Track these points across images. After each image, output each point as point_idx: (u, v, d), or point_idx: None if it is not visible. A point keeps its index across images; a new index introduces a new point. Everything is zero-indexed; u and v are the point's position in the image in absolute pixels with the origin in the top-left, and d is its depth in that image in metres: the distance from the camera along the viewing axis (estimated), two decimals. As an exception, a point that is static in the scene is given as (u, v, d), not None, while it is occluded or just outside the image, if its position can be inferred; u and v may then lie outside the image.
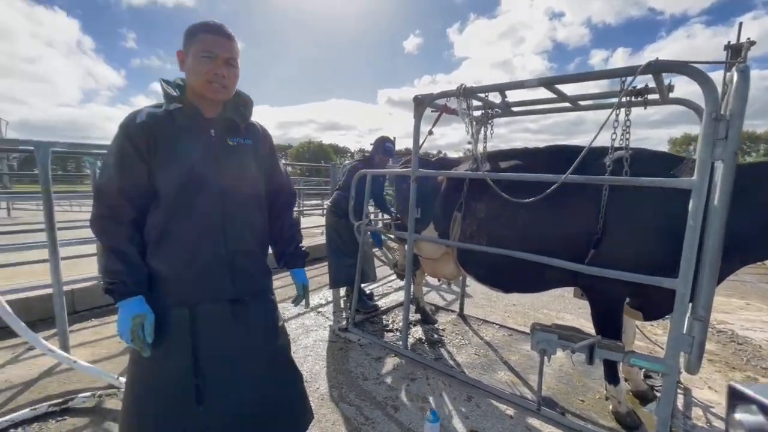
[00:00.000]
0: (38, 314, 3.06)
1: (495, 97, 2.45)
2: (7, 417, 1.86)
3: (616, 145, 1.85)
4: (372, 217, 5.65)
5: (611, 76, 1.68)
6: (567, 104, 2.39)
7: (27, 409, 1.92)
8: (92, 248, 3.91)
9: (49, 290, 2.83)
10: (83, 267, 3.93)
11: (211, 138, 1.19)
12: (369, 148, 3.87)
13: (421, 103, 2.39)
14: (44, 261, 3.10)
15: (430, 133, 2.69)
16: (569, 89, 2.19)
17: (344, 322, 3.24)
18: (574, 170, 1.74)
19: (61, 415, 1.95)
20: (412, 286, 2.87)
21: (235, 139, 1.24)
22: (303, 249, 1.49)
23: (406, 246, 3.25)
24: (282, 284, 4.02)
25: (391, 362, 2.59)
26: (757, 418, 0.33)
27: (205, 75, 1.13)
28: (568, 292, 3.98)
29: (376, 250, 3.78)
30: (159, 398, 1.15)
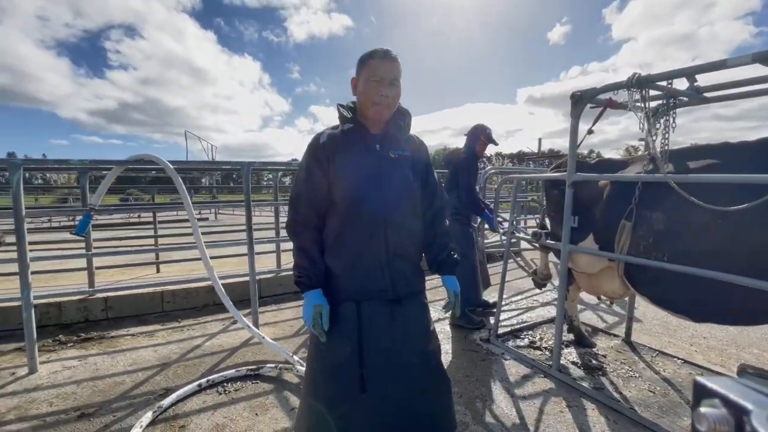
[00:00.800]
0: (237, 296, 3.90)
1: (680, 83, 2.03)
2: (222, 374, 2.42)
3: None
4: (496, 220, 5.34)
5: None
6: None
7: (233, 370, 2.47)
8: (272, 246, 4.80)
9: (246, 278, 3.60)
10: (264, 261, 4.85)
11: (376, 152, 1.33)
12: (505, 150, 3.68)
13: (579, 100, 2.15)
14: (242, 255, 3.96)
15: (590, 132, 2.40)
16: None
17: (486, 333, 3.14)
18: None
19: (254, 379, 2.44)
20: (565, 302, 2.59)
21: (396, 151, 1.36)
22: (455, 256, 1.51)
23: (549, 255, 2.98)
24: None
25: (539, 383, 2.39)
26: (720, 411, 0.34)
27: (373, 97, 1.29)
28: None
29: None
30: (330, 380, 1.31)
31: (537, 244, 2.80)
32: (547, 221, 2.89)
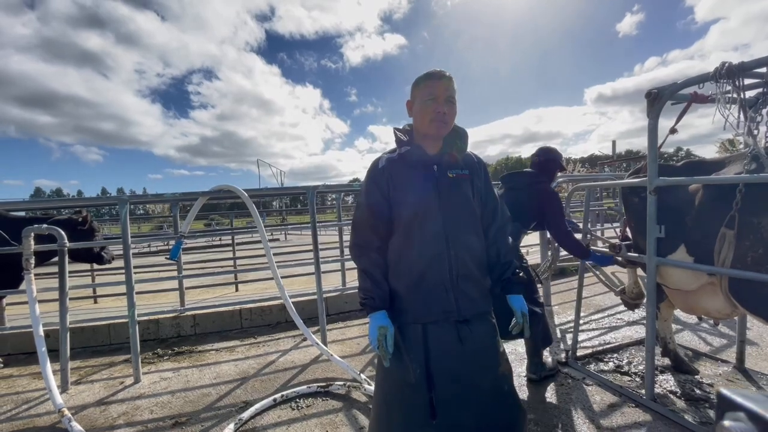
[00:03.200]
0: (306, 314, 4.08)
1: (785, 68, 1.76)
2: (295, 390, 2.53)
3: None
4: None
5: None
6: None
7: (305, 387, 2.57)
8: (337, 266, 4.97)
9: (314, 296, 3.76)
10: (330, 280, 5.03)
11: (434, 173, 1.34)
12: (575, 155, 3.28)
13: (657, 99, 1.96)
14: (310, 274, 4.16)
15: (674, 131, 2.17)
16: None
17: (562, 354, 2.91)
18: None
19: (324, 396, 2.51)
20: (656, 321, 2.31)
21: (453, 171, 1.36)
22: (520, 274, 1.44)
23: (638, 271, 2.68)
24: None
25: (630, 414, 2.13)
26: (745, 425, 0.32)
27: (430, 115, 1.31)
28: None
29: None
30: (399, 406, 1.30)
31: (619, 258, 2.55)
32: (628, 232, 2.63)
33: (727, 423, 0.34)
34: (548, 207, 2.52)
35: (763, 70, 1.71)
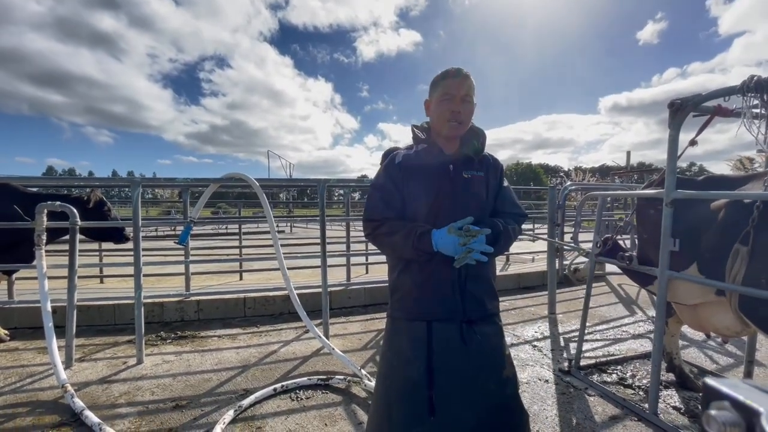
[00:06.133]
0: (309, 306, 4.08)
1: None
2: (296, 381, 2.54)
3: None
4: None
5: None
6: None
7: (305, 378, 2.57)
8: (342, 260, 4.98)
9: (318, 290, 3.77)
10: (335, 274, 5.03)
11: (450, 172, 1.33)
12: (586, 164, 3.29)
13: (680, 109, 1.93)
14: (315, 267, 4.17)
15: (693, 143, 2.13)
16: None
17: (565, 363, 2.88)
18: None
19: (324, 389, 2.52)
20: (663, 336, 2.28)
21: (469, 171, 1.35)
22: (507, 229, 1.33)
23: (650, 284, 2.65)
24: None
25: (632, 427, 2.11)
26: (731, 414, 0.34)
27: (445, 114, 1.31)
28: None
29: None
30: (399, 401, 1.29)
31: (625, 266, 2.52)
32: (623, 242, 2.60)
33: (713, 412, 0.35)
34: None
35: (793, 86, 1.67)
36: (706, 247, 1.98)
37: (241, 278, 5.42)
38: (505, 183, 1.45)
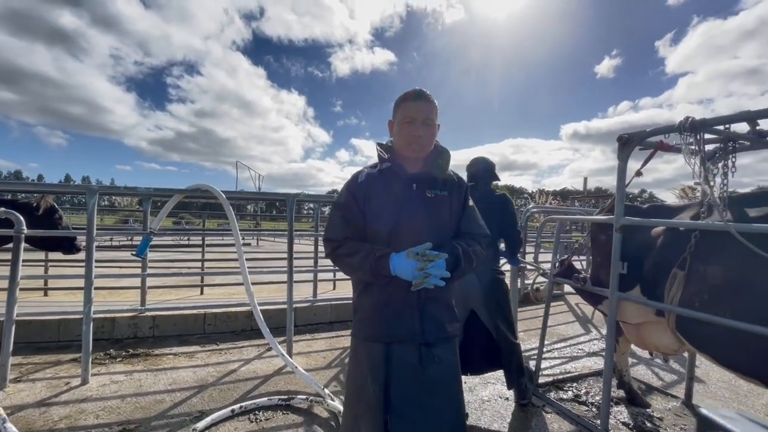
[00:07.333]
0: (273, 323, 3.97)
1: (741, 126, 1.94)
2: (255, 401, 2.45)
3: None
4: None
5: None
6: None
7: (266, 398, 2.49)
8: (309, 276, 4.91)
9: (283, 306, 3.69)
10: (301, 290, 4.94)
11: (412, 191, 1.34)
12: (548, 188, 3.34)
13: (627, 143, 2.10)
14: (281, 283, 4.08)
15: (639, 174, 2.32)
16: None
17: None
18: None
19: (285, 409, 2.44)
20: (614, 354, 2.41)
21: (432, 191, 1.36)
22: (471, 256, 1.34)
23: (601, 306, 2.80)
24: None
25: (585, 443, 2.19)
26: None
27: (406, 138, 1.33)
28: None
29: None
30: (359, 423, 1.31)
31: (579, 287, 2.66)
32: (580, 263, 2.76)
33: None
34: (509, 210, 2.74)
35: (721, 127, 1.87)
36: (648, 271, 2.13)
37: (201, 293, 5.21)
38: (470, 203, 1.46)
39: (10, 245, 2.74)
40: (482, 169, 2.78)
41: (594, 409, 2.56)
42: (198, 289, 5.25)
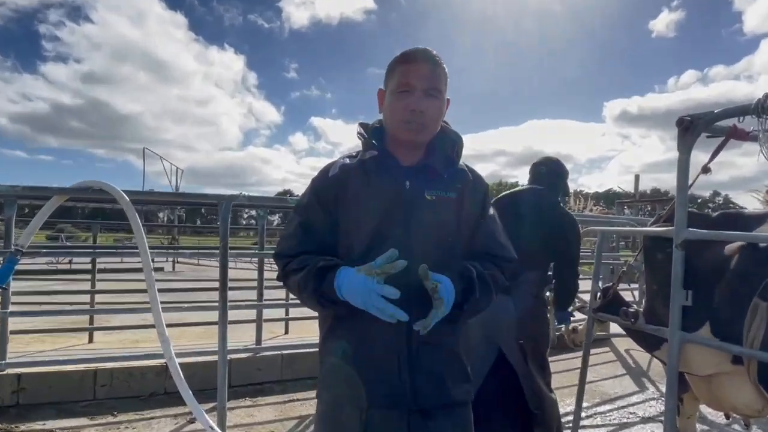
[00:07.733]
0: (198, 383, 3.91)
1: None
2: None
3: None
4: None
5: None
6: None
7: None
8: (251, 314, 4.88)
9: (213, 357, 3.65)
10: (238, 334, 4.89)
11: (405, 192, 1.30)
12: (588, 188, 3.47)
13: (689, 129, 2.21)
14: (209, 324, 4.04)
15: (706, 170, 2.44)
16: None
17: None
18: None
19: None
20: (676, 419, 2.49)
21: (434, 191, 1.31)
22: (491, 278, 1.33)
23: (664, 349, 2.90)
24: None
25: None
26: None
27: (401, 113, 1.28)
28: None
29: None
30: None
31: (628, 326, 2.75)
32: (632, 293, 2.86)
33: None
34: (570, 239, 2.74)
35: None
36: (721, 302, 2.22)
37: (91, 340, 5.10)
38: (491, 211, 1.44)
39: None
40: (546, 173, 2.85)
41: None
42: (86, 335, 5.13)
